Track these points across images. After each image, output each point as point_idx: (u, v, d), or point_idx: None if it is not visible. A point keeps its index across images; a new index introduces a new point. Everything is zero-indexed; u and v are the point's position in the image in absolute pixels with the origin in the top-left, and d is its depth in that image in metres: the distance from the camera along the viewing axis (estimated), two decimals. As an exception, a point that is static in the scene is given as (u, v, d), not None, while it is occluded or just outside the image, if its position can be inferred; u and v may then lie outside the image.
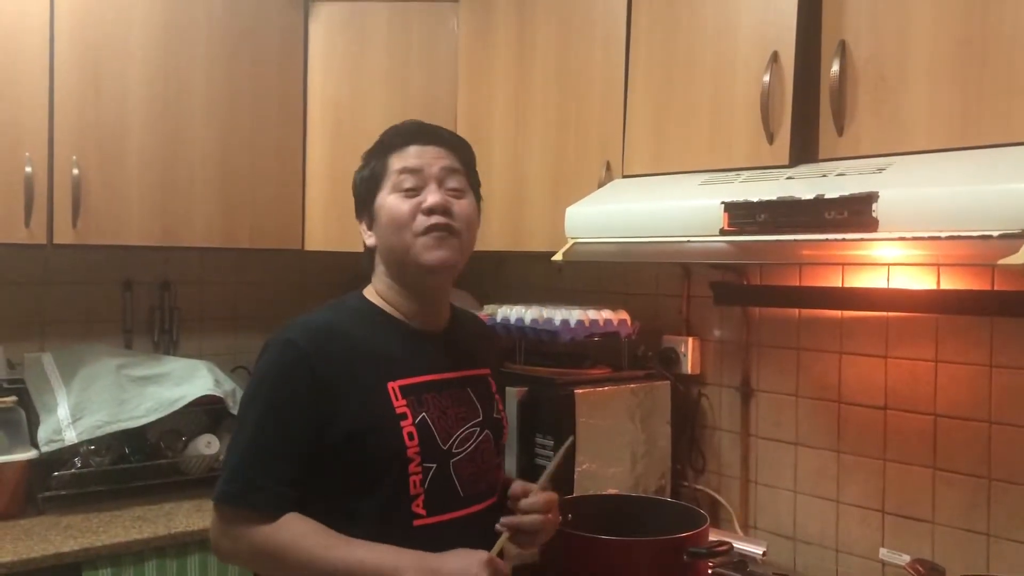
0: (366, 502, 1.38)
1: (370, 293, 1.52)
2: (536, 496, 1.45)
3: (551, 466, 1.52)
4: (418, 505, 1.39)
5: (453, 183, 1.47)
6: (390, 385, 1.40)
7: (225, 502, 1.37)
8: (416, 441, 1.39)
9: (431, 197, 1.43)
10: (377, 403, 1.39)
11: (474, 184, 1.53)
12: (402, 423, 1.38)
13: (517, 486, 1.48)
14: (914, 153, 1.59)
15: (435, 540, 1.37)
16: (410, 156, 1.46)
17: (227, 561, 1.50)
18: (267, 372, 1.40)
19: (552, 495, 1.48)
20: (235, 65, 2.50)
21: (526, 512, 1.43)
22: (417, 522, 1.39)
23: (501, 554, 1.40)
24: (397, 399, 1.40)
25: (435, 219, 1.42)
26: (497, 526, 1.42)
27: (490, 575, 1.29)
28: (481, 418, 1.51)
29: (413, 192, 1.44)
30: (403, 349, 1.46)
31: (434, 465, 1.41)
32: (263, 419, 1.38)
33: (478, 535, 1.40)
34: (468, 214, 1.47)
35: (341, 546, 1.32)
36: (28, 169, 2.16)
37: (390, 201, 1.44)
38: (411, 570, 1.29)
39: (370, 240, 1.49)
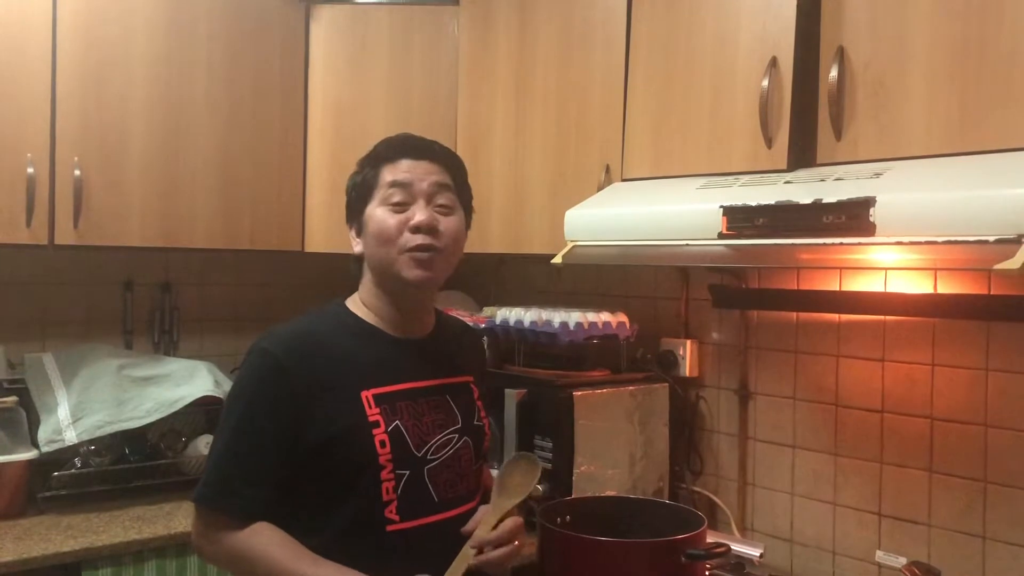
0: (340, 508, 1.41)
1: (352, 302, 1.54)
2: (502, 526, 1.44)
3: (514, 502, 1.49)
4: (391, 511, 1.41)
5: (442, 199, 1.48)
6: (364, 394, 1.42)
7: (202, 503, 1.41)
8: (388, 448, 1.40)
9: (419, 215, 1.44)
10: (350, 411, 1.41)
11: (465, 200, 1.55)
12: (374, 431, 1.40)
13: (477, 519, 1.47)
14: (912, 158, 1.60)
15: (409, 545, 1.41)
16: (401, 170, 1.47)
17: (206, 560, 1.53)
18: (245, 380, 1.44)
19: (517, 520, 1.47)
20: (236, 67, 2.51)
21: (491, 542, 1.42)
22: (391, 527, 1.41)
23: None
24: (370, 407, 1.42)
25: (420, 239, 1.44)
26: (468, 546, 1.41)
27: None
28: (460, 425, 1.52)
29: (401, 207, 1.45)
30: (380, 358, 1.48)
31: (407, 472, 1.43)
32: (239, 426, 1.41)
33: (454, 540, 1.42)
34: (454, 231, 1.49)
35: (308, 563, 1.35)
36: (30, 170, 2.16)
37: (378, 214, 1.46)
38: None
39: (357, 248, 1.51)
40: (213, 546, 1.41)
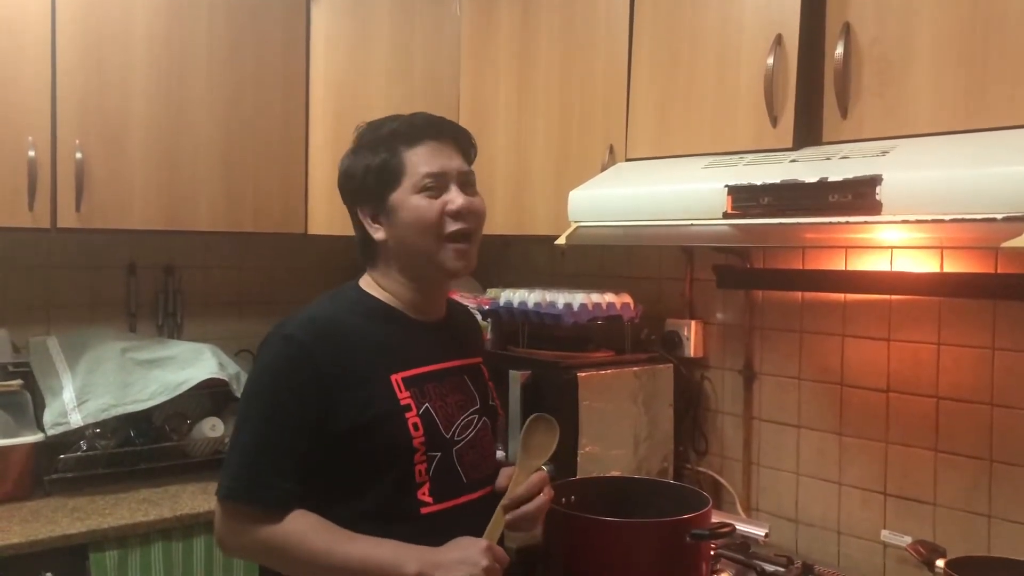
0: (373, 492, 1.40)
1: (368, 284, 1.52)
2: (529, 480, 1.45)
3: (539, 461, 1.50)
4: (424, 493, 1.41)
5: (469, 180, 1.48)
6: (393, 377, 1.41)
7: (230, 499, 1.38)
8: (421, 431, 1.40)
9: (458, 199, 1.43)
10: (381, 395, 1.40)
11: None
12: (407, 414, 1.40)
13: (505, 480, 1.50)
14: (918, 136, 1.59)
15: (443, 526, 1.39)
16: (429, 155, 1.44)
17: (233, 556, 1.51)
18: (268, 368, 1.41)
19: (543, 474, 1.48)
20: (238, 48, 2.49)
21: (523, 497, 1.43)
22: (425, 510, 1.41)
23: (502, 537, 1.41)
24: (401, 391, 1.41)
25: (461, 225, 1.43)
26: (500, 506, 1.42)
27: (491, 561, 1.31)
28: (479, 405, 1.53)
29: (435, 192, 1.43)
30: (404, 340, 1.47)
31: (438, 453, 1.42)
32: (266, 415, 1.38)
33: (482, 521, 1.41)
34: (483, 212, 1.49)
35: (345, 542, 1.34)
36: (31, 153, 2.16)
37: (414, 202, 1.43)
38: (414, 563, 1.31)
39: (378, 234, 1.46)
40: (243, 540, 1.38)
